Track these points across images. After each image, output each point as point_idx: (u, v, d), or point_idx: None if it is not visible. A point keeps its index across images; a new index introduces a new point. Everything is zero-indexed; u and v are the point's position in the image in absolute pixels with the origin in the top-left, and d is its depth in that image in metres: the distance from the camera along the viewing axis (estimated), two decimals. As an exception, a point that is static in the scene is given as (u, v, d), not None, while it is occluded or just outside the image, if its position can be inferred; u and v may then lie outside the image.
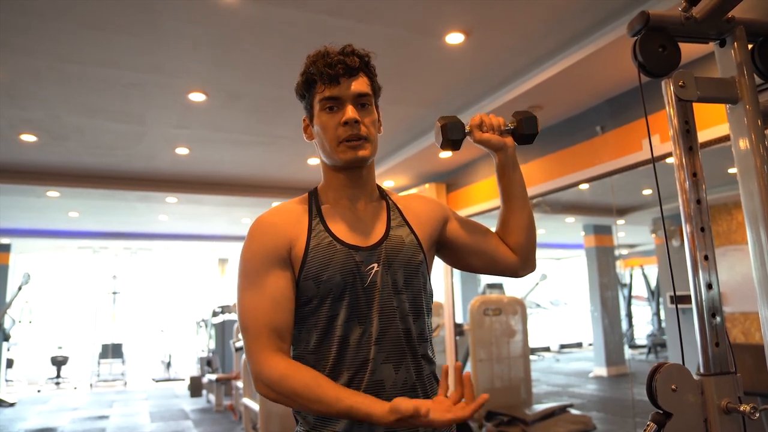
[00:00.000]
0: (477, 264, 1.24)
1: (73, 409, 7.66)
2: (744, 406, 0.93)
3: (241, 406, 5.98)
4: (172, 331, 12.45)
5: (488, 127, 1.18)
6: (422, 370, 1.09)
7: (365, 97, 1.11)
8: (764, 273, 1.00)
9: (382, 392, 1.03)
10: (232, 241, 11.25)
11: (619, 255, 10.21)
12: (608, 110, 3.81)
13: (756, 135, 1.06)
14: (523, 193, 1.23)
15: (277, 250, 1.08)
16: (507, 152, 1.19)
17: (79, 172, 5.63)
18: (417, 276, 1.12)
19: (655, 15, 1.06)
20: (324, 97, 1.10)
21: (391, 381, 1.04)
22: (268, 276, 1.07)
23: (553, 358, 11.78)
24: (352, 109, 1.09)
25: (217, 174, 6.07)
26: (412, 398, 1.02)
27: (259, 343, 1.04)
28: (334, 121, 1.10)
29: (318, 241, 1.09)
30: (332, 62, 1.08)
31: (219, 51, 3.23)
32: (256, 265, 1.08)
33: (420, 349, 1.10)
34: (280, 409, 4.21)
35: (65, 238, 9.41)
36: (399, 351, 1.06)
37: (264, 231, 1.11)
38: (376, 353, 1.04)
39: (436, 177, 6.00)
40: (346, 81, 1.09)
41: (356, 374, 1.04)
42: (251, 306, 1.06)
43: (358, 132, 1.09)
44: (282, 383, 1.00)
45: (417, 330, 1.10)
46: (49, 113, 4.08)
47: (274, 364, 1.02)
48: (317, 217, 1.13)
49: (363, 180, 1.17)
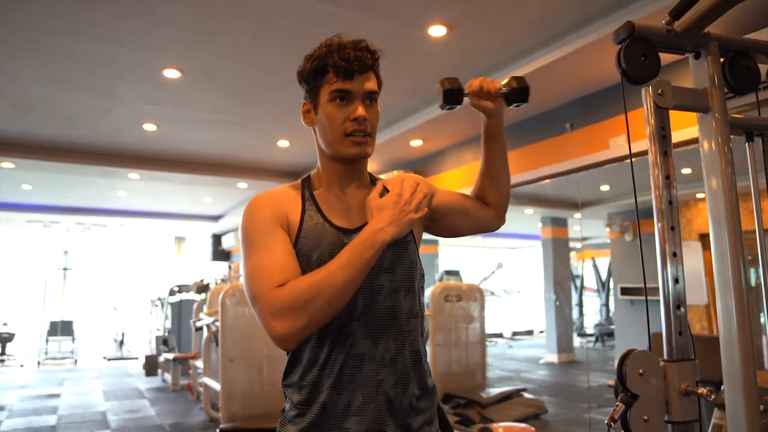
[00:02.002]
0: (464, 225, 1.34)
1: (20, 387, 7.43)
2: (701, 389, 1.01)
3: (199, 385, 5.95)
4: (125, 310, 12.16)
5: (485, 93, 1.25)
6: (405, 346, 1.13)
7: (374, 95, 1.15)
8: (724, 270, 1.09)
9: (361, 365, 1.08)
10: (191, 220, 11.05)
11: (573, 247, 10.55)
12: (579, 108, 3.94)
13: (723, 141, 1.14)
14: (505, 151, 1.34)
15: (278, 218, 1.13)
16: (498, 117, 1.28)
17: (39, 143, 5.42)
18: (405, 254, 1.16)
19: (639, 25, 1.12)
20: (336, 89, 1.12)
21: (370, 355, 1.09)
22: (275, 237, 1.10)
23: (506, 345, 12.12)
24: (362, 107, 1.12)
25: (184, 152, 5.95)
26: (395, 372, 1.10)
27: (267, 291, 1.04)
28: (343, 115, 1.12)
29: (310, 221, 1.13)
30: (349, 57, 1.10)
31: (198, 30, 3.17)
32: (261, 231, 1.11)
33: (407, 325, 1.14)
34: (242, 389, 4.22)
35: (14, 211, 9.05)
36: (381, 327, 1.11)
37: (263, 205, 1.14)
38: (357, 328, 1.09)
39: (405, 164, 6.06)
40: (359, 77, 1.12)
41: (335, 347, 1.08)
42: (256, 265, 1.07)
43: (365, 129, 1.13)
44: (293, 295, 1.02)
45: (405, 306, 1.15)
46: (13, 83, 3.92)
47: (279, 291, 1.04)
48: (310, 199, 1.18)
49: (358, 171, 1.21)
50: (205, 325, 5.43)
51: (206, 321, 5.37)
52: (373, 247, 1.04)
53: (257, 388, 4.27)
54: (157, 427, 5.14)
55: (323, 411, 1.07)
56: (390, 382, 1.09)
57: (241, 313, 4.30)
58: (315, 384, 1.09)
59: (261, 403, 4.24)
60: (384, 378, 1.09)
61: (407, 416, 1.11)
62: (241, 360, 4.25)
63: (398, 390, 1.10)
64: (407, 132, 4.98)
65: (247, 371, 4.26)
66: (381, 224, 1.06)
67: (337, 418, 1.07)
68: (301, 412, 1.10)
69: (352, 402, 1.06)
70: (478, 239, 8.26)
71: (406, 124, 4.88)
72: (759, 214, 1.18)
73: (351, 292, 1.04)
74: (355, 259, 1.03)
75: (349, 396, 1.07)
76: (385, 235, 1.05)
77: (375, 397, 1.08)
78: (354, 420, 1.06)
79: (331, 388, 1.07)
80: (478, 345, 5.62)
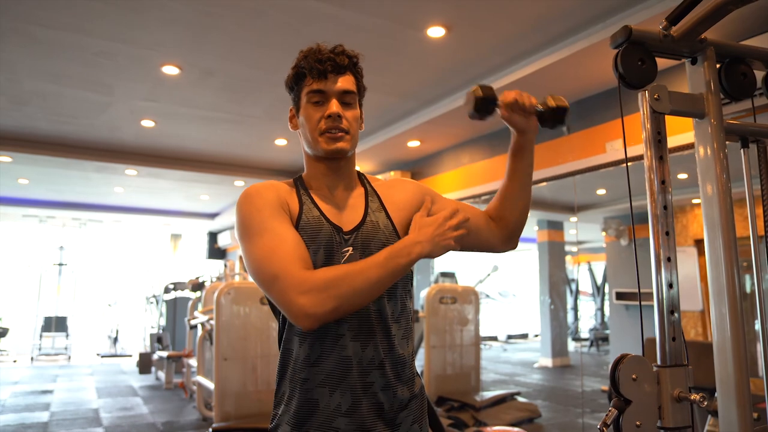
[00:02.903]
0: (466, 241, 1.26)
1: (13, 383, 7.40)
2: (694, 395, 1.01)
3: (192, 384, 5.93)
4: (120, 306, 12.13)
5: (519, 107, 1.20)
6: (394, 350, 1.14)
7: (350, 95, 1.16)
8: (719, 276, 1.09)
9: (350, 368, 1.09)
10: (187, 217, 11.03)
11: (568, 251, 10.55)
12: (575, 112, 3.95)
13: (719, 147, 1.14)
14: (530, 174, 1.28)
15: (280, 204, 1.13)
16: (527, 136, 1.24)
17: (36, 138, 5.41)
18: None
19: (636, 30, 1.13)
20: (311, 90, 1.15)
21: (357, 358, 1.10)
22: (282, 221, 1.10)
23: (501, 348, 12.12)
24: (336, 104, 1.14)
25: (181, 149, 5.94)
26: (383, 374, 1.10)
27: (292, 270, 1.02)
28: (318, 114, 1.15)
29: (309, 213, 1.14)
30: (322, 58, 1.13)
31: (197, 27, 3.17)
32: (267, 215, 1.09)
33: (393, 329, 1.15)
34: (235, 388, 4.21)
35: (10, 205, 9.02)
36: (368, 330, 1.11)
37: (262, 193, 1.14)
38: (346, 330, 1.10)
39: (402, 165, 6.06)
40: (333, 77, 1.14)
41: (326, 349, 1.10)
42: (270, 247, 1.05)
43: (339, 125, 1.14)
44: (327, 278, 1.01)
45: (390, 310, 1.15)
46: (10, 76, 3.91)
47: (310, 272, 1.03)
48: (306, 195, 1.19)
49: (342, 170, 1.21)
50: (200, 323, 5.41)
51: (201, 319, 5.35)
52: (410, 256, 1.07)
53: (251, 387, 4.26)
54: (149, 426, 5.12)
55: (314, 410, 1.09)
56: (379, 384, 1.11)
57: (236, 311, 4.29)
58: (306, 382, 1.10)
59: (254, 402, 4.23)
60: (374, 381, 1.10)
61: (396, 417, 1.12)
62: (235, 359, 4.24)
63: (388, 393, 1.11)
64: (404, 133, 4.98)
65: (240, 370, 4.25)
66: (421, 239, 1.09)
67: (327, 417, 1.08)
68: (292, 410, 1.11)
69: (342, 403, 1.08)
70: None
71: (403, 125, 4.88)
72: (754, 221, 1.18)
73: (379, 291, 1.06)
74: (391, 262, 1.05)
75: (339, 397, 1.08)
76: (421, 248, 1.08)
77: (364, 398, 1.09)
78: (344, 421, 1.08)
79: (321, 387, 1.09)
80: (473, 348, 5.62)
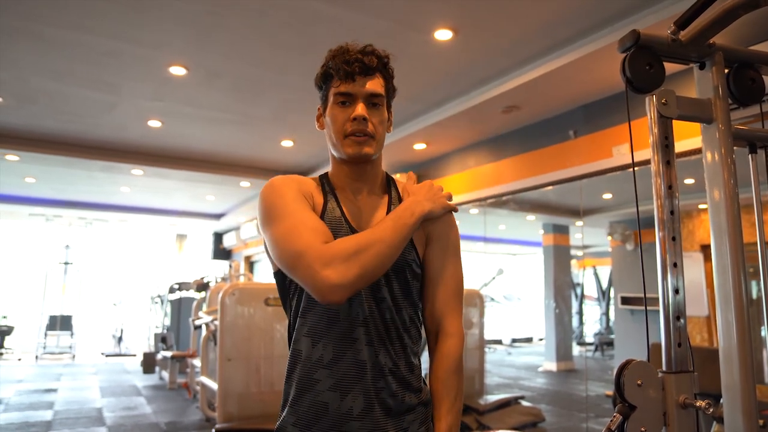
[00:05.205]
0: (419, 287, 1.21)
1: (18, 381, 7.43)
2: (700, 402, 1.00)
3: (196, 384, 5.94)
4: (124, 306, 12.17)
5: None
6: (404, 357, 1.14)
7: (377, 97, 1.15)
8: (725, 282, 1.08)
9: (363, 373, 1.08)
10: (193, 218, 11.05)
11: (574, 255, 10.51)
12: (582, 116, 3.94)
13: (726, 153, 1.13)
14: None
15: (304, 194, 1.13)
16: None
17: (43, 136, 5.44)
18: (406, 268, 1.16)
19: (644, 34, 1.12)
20: (338, 92, 1.13)
21: (371, 363, 1.09)
22: (305, 207, 1.09)
23: (505, 351, 12.09)
24: (362, 107, 1.12)
25: (187, 149, 5.96)
26: (390, 383, 1.10)
27: (315, 245, 1.00)
28: (344, 116, 1.13)
29: (331, 213, 1.14)
30: (350, 59, 1.11)
31: (204, 27, 3.18)
32: (291, 200, 1.09)
33: (405, 336, 1.15)
34: (239, 389, 4.21)
35: (17, 204, 9.06)
36: (381, 337, 1.11)
37: (287, 183, 1.14)
38: (361, 335, 1.09)
39: (408, 167, 6.06)
40: (361, 79, 1.12)
41: (342, 351, 1.09)
42: (292, 226, 1.04)
43: (364, 128, 1.13)
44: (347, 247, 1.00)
45: (401, 320, 1.14)
46: (17, 75, 3.93)
47: (329, 245, 1.01)
48: (331, 193, 1.18)
49: (367, 174, 1.20)
50: (204, 323, 5.42)
51: (205, 319, 5.36)
52: (414, 216, 1.10)
53: (254, 388, 4.26)
54: (152, 425, 5.13)
55: (323, 413, 1.08)
56: (389, 390, 1.10)
57: (241, 312, 4.29)
58: (317, 384, 1.09)
59: (258, 403, 4.22)
60: (384, 386, 1.10)
61: (403, 421, 1.12)
62: (239, 360, 4.24)
63: (396, 399, 1.11)
64: (411, 135, 4.98)
65: (244, 371, 4.24)
66: (419, 199, 1.14)
67: (337, 421, 1.07)
68: (299, 411, 1.10)
69: (354, 407, 1.07)
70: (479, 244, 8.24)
71: (409, 128, 4.88)
72: (761, 226, 1.17)
73: (397, 251, 1.07)
74: (399, 222, 1.08)
75: (351, 401, 1.07)
76: (422, 207, 1.12)
77: (375, 403, 1.09)
78: (355, 425, 1.07)
79: (332, 390, 1.08)
80: (477, 351, 5.59)
